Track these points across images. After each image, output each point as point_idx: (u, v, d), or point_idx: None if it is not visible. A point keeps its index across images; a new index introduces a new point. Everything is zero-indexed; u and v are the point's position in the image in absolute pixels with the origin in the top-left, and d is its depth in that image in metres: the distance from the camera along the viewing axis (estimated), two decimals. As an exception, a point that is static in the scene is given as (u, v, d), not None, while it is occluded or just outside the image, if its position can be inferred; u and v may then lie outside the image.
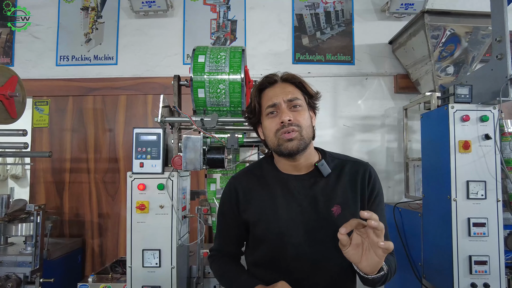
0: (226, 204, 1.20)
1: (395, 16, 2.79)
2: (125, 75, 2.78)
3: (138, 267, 1.64)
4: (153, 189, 1.65)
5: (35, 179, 2.71)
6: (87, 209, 2.70)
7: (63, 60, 2.80)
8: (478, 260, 1.55)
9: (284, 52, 2.83)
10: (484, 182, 1.59)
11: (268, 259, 1.11)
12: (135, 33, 2.83)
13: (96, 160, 2.72)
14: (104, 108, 2.75)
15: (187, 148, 1.50)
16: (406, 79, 2.73)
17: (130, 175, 1.66)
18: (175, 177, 1.65)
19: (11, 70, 2.00)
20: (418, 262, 1.88)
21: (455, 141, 1.59)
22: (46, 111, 2.74)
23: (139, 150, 1.64)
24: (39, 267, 2.08)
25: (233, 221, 1.19)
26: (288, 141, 1.04)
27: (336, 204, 1.07)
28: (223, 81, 1.53)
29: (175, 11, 2.84)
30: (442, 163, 1.65)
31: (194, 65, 1.54)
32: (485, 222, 1.56)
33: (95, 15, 2.83)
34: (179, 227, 1.67)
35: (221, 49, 1.59)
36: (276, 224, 1.08)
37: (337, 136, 2.79)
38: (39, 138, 2.73)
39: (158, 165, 1.64)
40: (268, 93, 1.11)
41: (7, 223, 2.18)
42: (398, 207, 2.13)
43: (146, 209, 1.64)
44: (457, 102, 1.63)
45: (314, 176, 1.11)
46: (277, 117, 1.07)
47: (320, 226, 1.05)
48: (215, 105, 1.58)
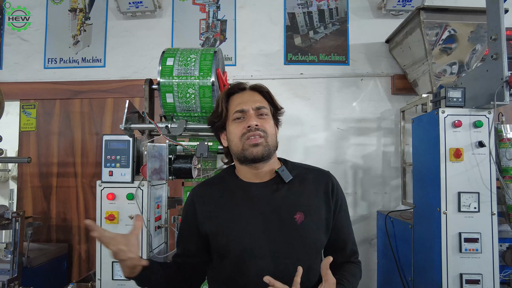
0: (186, 217, 1.17)
1: (392, 13, 2.65)
2: (113, 77, 2.72)
3: (108, 280, 1.58)
4: (122, 199, 1.58)
5: (22, 183, 2.68)
6: (74, 214, 2.66)
7: (51, 62, 2.76)
8: (470, 279, 1.42)
9: (275, 53, 2.73)
10: (477, 194, 1.45)
11: (227, 274, 1.05)
12: (123, 34, 2.77)
13: (83, 164, 2.67)
14: (91, 112, 2.70)
15: (152, 156, 1.42)
16: (403, 80, 2.60)
17: (100, 183, 1.59)
18: (145, 187, 1.57)
19: (-13, 74, 1.95)
20: (408, 277, 1.76)
21: (445, 148, 1.46)
22: (34, 114, 2.71)
23: (108, 158, 1.58)
24: (17, 275, 2.03)
25: (192, 234, 1.13)
26: (254, 146, 1.04)
27: (299, 211, 1.04)
28: (192, 85, 1.44)
29: (164, 12, 2.76)
30: (432, 172, 1.52)
31: (162, 68, 1.45)
32: (478, 237, 1.44)
33: (83, 16, 2.78)
34: (151, 238, 1.60)
35: (192, 51, 1.50)
36: (236, 234, 1.04)
37: (330, 139, 2.67)
38: (27, 142, 2.70)
39: (128, 174, 1.57)
40: (236, 98, 1.12)
41: (-14, 230, 2.14)
42: (390, 217, 2.00)
43: (115, 220, 1.58)
44: (449, 106, 1.50)
45: (276, 183, 1.10)
46: (244, 122, 1.06)
47: (283, 234, 1.03)
48: (185, 110, 1.50)
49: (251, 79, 2.69)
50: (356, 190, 2.64)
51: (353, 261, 1.16)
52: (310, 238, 1.05)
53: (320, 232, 1.07)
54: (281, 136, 2.58)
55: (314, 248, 1.06)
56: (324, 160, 2.65)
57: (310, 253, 1.05)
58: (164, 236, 1.83)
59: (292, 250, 1.02)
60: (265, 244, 1.02)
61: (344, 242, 1.14)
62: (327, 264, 0.93)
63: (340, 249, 1.14)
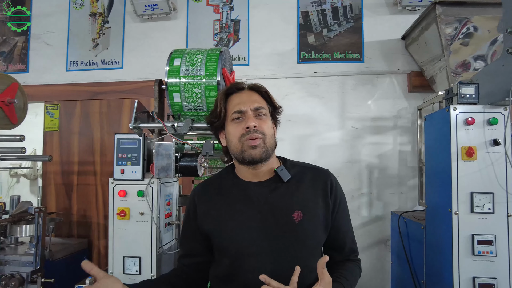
0: (188, 216, 1.19)
1: (408, 9, 2.58)
2: (130, 78, 2.81)
3: (119, 273, 1.63)
4: (133, 196, 1.62)
5: (46, 181, 2.82)
6: (93, 210, 2.76)
7: (72, 65, 2.88)
8: (483, 283, 1.36)
9: (288, 52, 2.72)
10: (492, 194, 1.39)
11: (226, 272, 1.07)
12: (139, 36, 2.85)
13: (102, 162, 2.77)
14: (110, 112, 2.80)
15: (159, 155, 1.46)
16: (420, 77, 2.52)
17: (112, 181, 1.64)
18: (155, 184, 1.61)
19: (11, 77, 2.06)
20: (421, 279, 1.71)
21: (457, 147, 1.41)
22: (57, 115, 2.84)
23: (120, 156, 1.63)
24: (40, 267, 2.14)
25: (194, 233, 1.15)
26: (252, 148, 1.04)
27: (297, 210, 1.04)
28: (199, 84, 1.46)
29: (178, 14, 2.82)
30: (443, 172, 1.47)
31: (170, 68, 1.49)
32: (493, 240, 1.37)
33: (102, 20, 2.88)
34: (160, 234, 1.64)
35: (198, 52, 1.52)
36: (233, 232, 1.05)
37: (345, 138, 2.64)
38: (50, 141, 2.83)
39: (138, 172, 1.61)
40: (235, 98, 1.13)
41: (12, 224, 2.27)
42: (404, 217, 1.95)
43: (126, 216, 1.62)
44: (461, 103, 1.45)
45: (275, 182, 1.10)
46: (243, 123, 1.07)
47: (280, 233, 1.03)
48: (192, 110, 1.52)
49: (264, 78, 2.70)
50: (371, 190, 2.59)
51: (352, 259, 1.15)
52: (308, 236, 1.04)
53: (318, 231, 1.07)
54: (294, 135, 2.61)
55: (312, 247, 1.06)
56: (338, 159, 2.62)
57: (308, 251, 1.04)
58: (174, 232, 1.86)
59: (290, 249, 1.02)
60: (262, 242, 1.02)
61: (343, 241, 1.13)
62: (323, 263, 0.92)
63: (339, 248, 1.13)
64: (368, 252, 2.52)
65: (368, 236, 2.54)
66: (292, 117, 2.67)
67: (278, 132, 2.68)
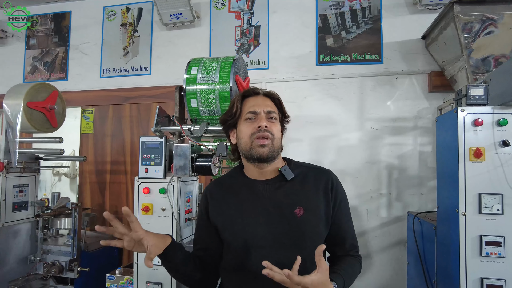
0: (201, 212, 1.30)
1: (428, 8, 2.55)
2: (157, 84, 2.99)
3: (143, 264, 1.78)
4: (156, 193, 1.77)
5: (82, 179, 3.07)
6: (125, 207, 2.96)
7: (105, 72, 3.11)
8: (491, 284, 1.36)
9: (307, 54, 2.78)
10: (501, 196, 1.38)
11: (233, 263, 1.17)
12: (166, 44, 3.03)
13: (132, 162, 2.98)
14: (139, 115, 3.00)
15: (177, 155, 1.59)
16: (441, 77, 2.49)
17: (137, 179, 1.80)
18: (176, 182, 1.74)
19: (52, 86, 2.29)
20: (433, 280, 1.71)
21: (464, 148, 1.42)
22: (92, 119, 3.08)
23: (145, 157, 1.78)
24: (76, 257, 2.36)
25: (206, 227, 1.25)
26: (261, 146, 1.13)
27: (299, 206, 1.13)
28: (213, 91, 1.58)
29: (202, 21, 2.97)
30: (452, 173, 1.48)
31: (187, 77, 1.61)
32: (501, 241, 1.37)
33: (132, 30, 3.09)
34: (180, 229, 1.77)
35: (214, 60, 1.64)
36: (240, 226, 1.15)
37: (364, 139, 2.65)
38: (86, 143, 3.08)
39: (160, 171, 1.76)
40: (250, 101, 1.23)
41: (53, 218, 2.51)
42: (418, 218, 1.95)
43: (150, 211, 1.77)
44: (470, 104, 1.45)
45: (279, 181, 1.19)
46: (255, 123, 1.17)
47: (283, 227, 1.12)
48: (208, 114, 1.64)
49: (283, 81, 2.79)
50: (391, 191, 2.59)
51: (353, 255, 1.20)
52: (309, 230, 1.12)
53: (319, 226, 1.14)
54: (313, 136, 2.67)
55: (313, 240, 1.13)
56: (357, 160, 2.64)
57: (309, 244, 1.11)
58: (194, 227, 1.99)
59: (292, 241, 1.11)
60: (267, 235, 1.12)
61: (343, 237, 1.19)
62: (320, 251, 0.98)
63: (339, 243, 1.20)
64: (387, 253, 2.52)
65: (387, 237, 2.54)
66: (311, 119, 2.72)
67: (296, 133, 2.76)
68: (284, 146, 1.25)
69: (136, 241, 1.03)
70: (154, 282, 1.75)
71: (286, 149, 2.69)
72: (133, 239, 1.03)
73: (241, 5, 2.91)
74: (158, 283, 1.74)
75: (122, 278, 2.21)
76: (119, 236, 1.03)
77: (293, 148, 2.69)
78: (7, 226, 2.24)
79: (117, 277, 2.21)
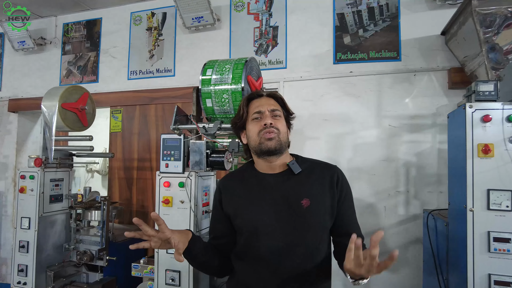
0: (215, 203, 1.40)
1: (448, 3, 2.51)
2: (181, 85, 3.14)
3: (163, 253, 1.91)
4: (175, 187, 1.89)
5: (112, 175, 3.27)
6: (150, 201, 3.14)
7: (133, 74, 3.30)
8: (499, 280, 1.36)
9: (324, 53, 2.82)
10: (511, 192, 1.38)
11: (243, 249, 1.27)
12: (189, 46, 3.17)
13: (158, 159, 3.14)
14: (164, 115, 3.16)
15: (193, 151, 1.69)
16: (461, 73, 2.44)
17: (158, 174, 1.93)
18: (193, 177, 1.86)
19: (83, 88, 2.49)
20: (444, 276, 1.71)
21: (472, 144, 1.42)
22: (120, 118, 3.28)
23: (165, 153, 1.91)
24: (105, 247, 2.54)
25: (220, 217, 1.35)
26: (268, 140, 1.23)
27: (305, 197, 1.21)
28: (226, 91, 1.67)
29: (222, 23, 3.08)
30: (461, 169, 1.48)
31: (203, 78, 1.72)
32: (510, 237, 1.36)
33: (157, 33, 3.26)
34: (198, 220, 1.88)
35: (227, 62, 1.73)
36: (250, 215, 1.25)
37: (381, 137, 2.65)
38: (114, 141, 3.28)
39: (179, 166, 1.88)
40: (255, 103, 1.33)
41: (85, 210, 2.71)
42: (432, 215, 1.95)
43: (170, 203, 1.90)
44: (479, 100, 1.45)
45: (287, 174, 1.28)
46: (261, 121, 1.27)
47: (290, 216, 1.20)
48: (222, 113, 1.74)
49: (300, 80, 2.84)
50: (409, 189, 2.57)
51: None
52: (315, 219, 1.20)
53: (324, 216, 1.22)
54: (330, 134, 2.72)
55: (317, 229, 1.21)
56: (374, 157, 2.65)
57: (314, 233, 1.20)
58: (211, 220, 2.10)
59: (298, 230, 1.19)
60: (275, 223, 1.21)
61: (349, 227, 1.25)
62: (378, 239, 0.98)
63: (345, 234, 1.24)
64: (405, 250, 2.51)
65: (405, 235, 2.53)
66: (328, 116, 2.76)
67: (314, 131, 2.79)
68: (301, 144, 1.32)
69: (163, 240, 1.14)
70: (173, 270, 1.87)
71: (303, 147, 2.77)
72: (160, 239, 1.14)
73: (260, 7, 2.99)
74: (176, 270, 1.86)
75: (146, 268, 2.36)
76: (147, 238, 1.14)
77: (310, 146, 2.74)
78: (45, 216, 2.47)
79: (141, 266, 2.36)
